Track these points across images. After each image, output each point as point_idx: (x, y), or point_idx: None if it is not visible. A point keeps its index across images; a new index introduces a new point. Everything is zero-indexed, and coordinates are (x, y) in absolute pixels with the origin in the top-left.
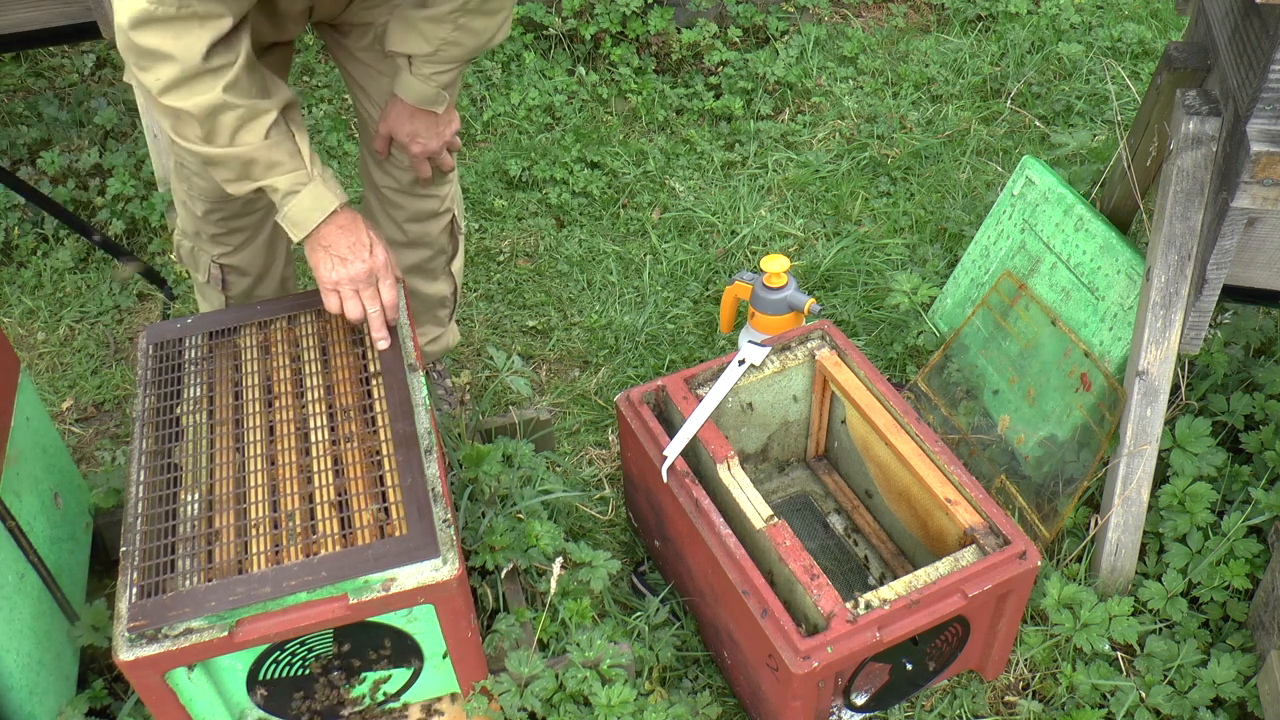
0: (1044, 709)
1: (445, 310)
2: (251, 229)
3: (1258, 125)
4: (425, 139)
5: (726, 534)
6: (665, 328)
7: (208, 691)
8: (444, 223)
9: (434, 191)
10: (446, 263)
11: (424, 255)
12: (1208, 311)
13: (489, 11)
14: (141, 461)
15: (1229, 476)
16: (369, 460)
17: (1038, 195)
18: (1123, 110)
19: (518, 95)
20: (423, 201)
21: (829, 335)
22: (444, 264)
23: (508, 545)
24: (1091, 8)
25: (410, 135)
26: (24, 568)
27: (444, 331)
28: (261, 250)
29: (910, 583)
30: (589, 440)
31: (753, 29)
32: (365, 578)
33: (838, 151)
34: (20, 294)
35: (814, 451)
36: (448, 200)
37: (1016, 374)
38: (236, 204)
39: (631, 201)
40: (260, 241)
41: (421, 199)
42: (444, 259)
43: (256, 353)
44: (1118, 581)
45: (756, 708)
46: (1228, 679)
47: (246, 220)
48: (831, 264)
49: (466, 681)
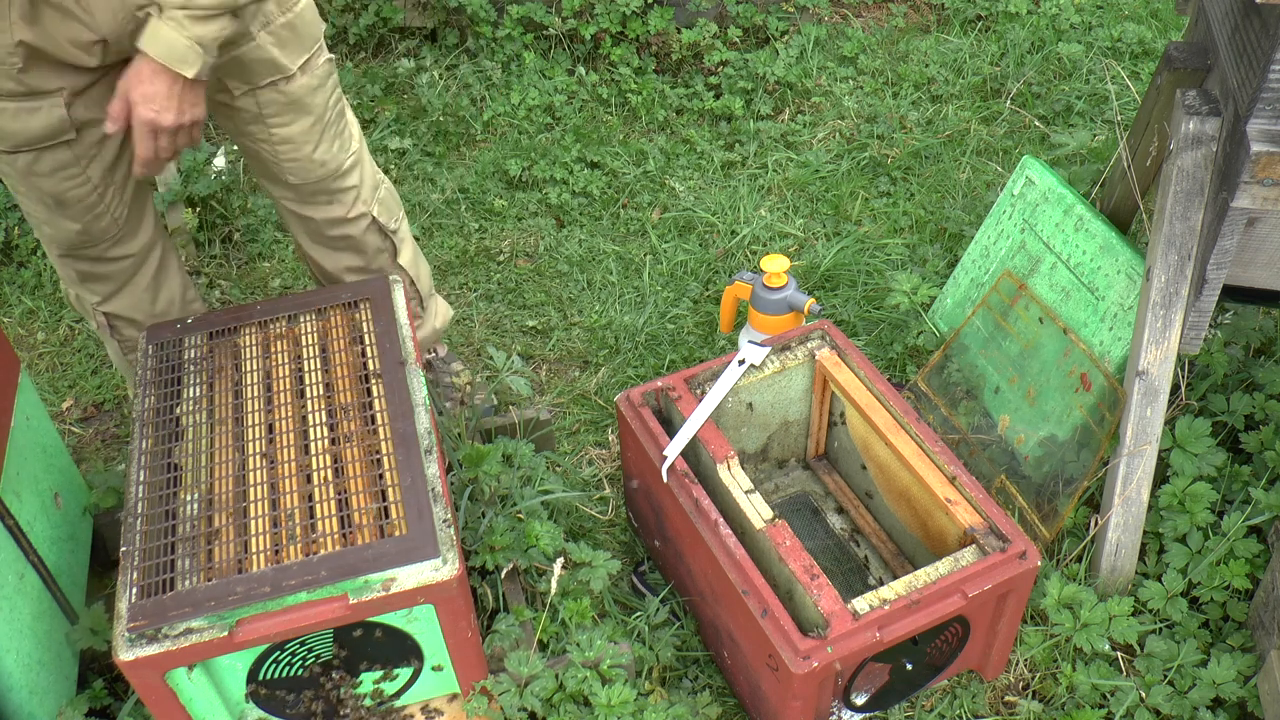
0: (1044, 709)
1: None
2: (127, 272)
3: (1258, 125)
4: (159, 108)
5: (726, 534)
6: (665, 328)
7: (208, 691)
8: (363, 225)
9: (334, 199)
10: (391, 259)
11: (360, 258)
12: (1208, 311)
13: None
14: (141, 461)
15: (1229, 476)
16: (369, 460)
17: (1038, 195)
18: (1123, 110)
19: (518, 95)
20: (326, 209)
21: (829, 335)
22: (389, 261)
23: (508, 545)
24: (1091, 8)
25: (143, 97)
26: (24, 568)
27: (421, 319)
28: (146, 293)
29: (910, 583)
30: (589, 440)
31: (753, 29)
32: (365, 578)
33: (838, 151)
34: (20, 294)
35: (814, 451)
36: (357, 206)
37: (1016, 374)
38: (99, 247)
39: (631, 201)
40: (142, 285)
41: (324, 207)
42: (386, 256)
43: (256, 352)
44: (1118, 581)
45: (756, 708)
46: (1228, 679)
47: (117, 265)
48: (831, 264)
49: (466, 681)
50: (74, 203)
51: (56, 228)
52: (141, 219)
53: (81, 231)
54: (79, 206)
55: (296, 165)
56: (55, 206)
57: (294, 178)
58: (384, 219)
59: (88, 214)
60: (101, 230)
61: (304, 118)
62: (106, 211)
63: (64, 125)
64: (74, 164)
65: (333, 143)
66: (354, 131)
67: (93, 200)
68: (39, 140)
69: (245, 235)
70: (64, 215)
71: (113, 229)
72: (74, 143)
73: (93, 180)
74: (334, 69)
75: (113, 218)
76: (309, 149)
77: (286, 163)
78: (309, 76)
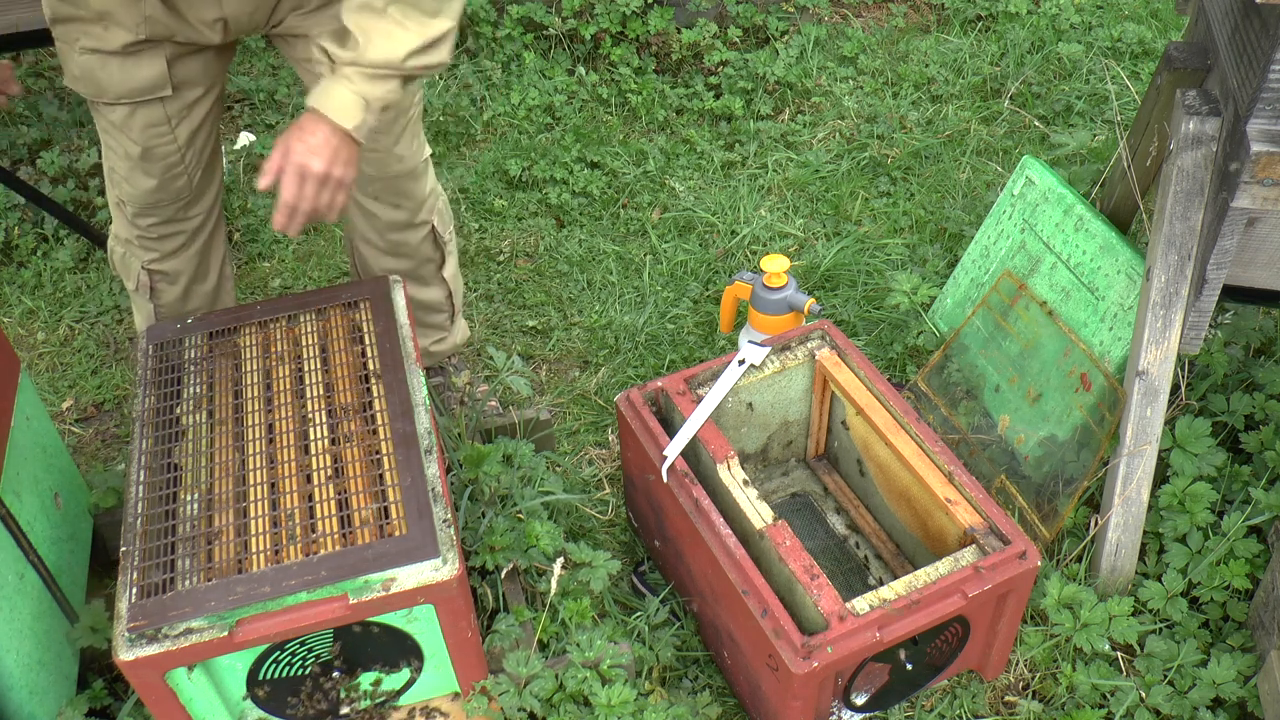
0: (1044, 709)
1: (443, 314)
2: (186, 235)
3: (1258, 125)
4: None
5: (726, 534)
6: (665, 328)
7: (208, 691)
8: (422, 234)
9: (402, 203)
10: (436, 269)
11: (408, 264)
12: (1208, 311)
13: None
14: (141, 461)
15: (1229, 476)
16: (369, 460)
17: (1038, 195)
18: (1123, 110)
19: (518, 95)
20: (393, 212)
21: (829, 335)
22: (433, 271)
23: (508, 545)
24: (1091, 8)
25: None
26: (24, 568)
27: (446, 334)
28: (194, 258)
29: (910, 583)
30: (589, 440)
31: (753, 29)
32: (365, 578)
33: (838, 151)
34: (20, 294)
35: (814, 451)
36: (421, 213)
37: (1016, 374)
38: (169, 209)
39: (631, 201)
40: (194, 249)
41: (391, 209)
42: (432, 266)
43: (256, 352)
44: (1118, 581)
45: (756, 708)
46: (1228, 679)
47: (181, 226)
48: (831, 264)
49: (466, 681)
50: (159, 159)
51: (135, 184)
52: (209, 186)
53: (157, 189)
54: (162, 164)
55: (376, 156)
56: (140, 160)
57: (370, 168)
58: (441, 229)
59: (168, 172)
60: (177, 190)
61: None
62: (185, 172)
63: (163, 80)
64: (164, 122)
65: (412, 140)
66: (425, 137)
67: (174, 159)
68: (139, 94)
69: (245, 235)
70: (145, 172)
71: (186, 190)
72: (169, 100)
73: (179, 141)
74: None
75: (189, 178)
76: (389, 140)
77: (369, 152)
78: None
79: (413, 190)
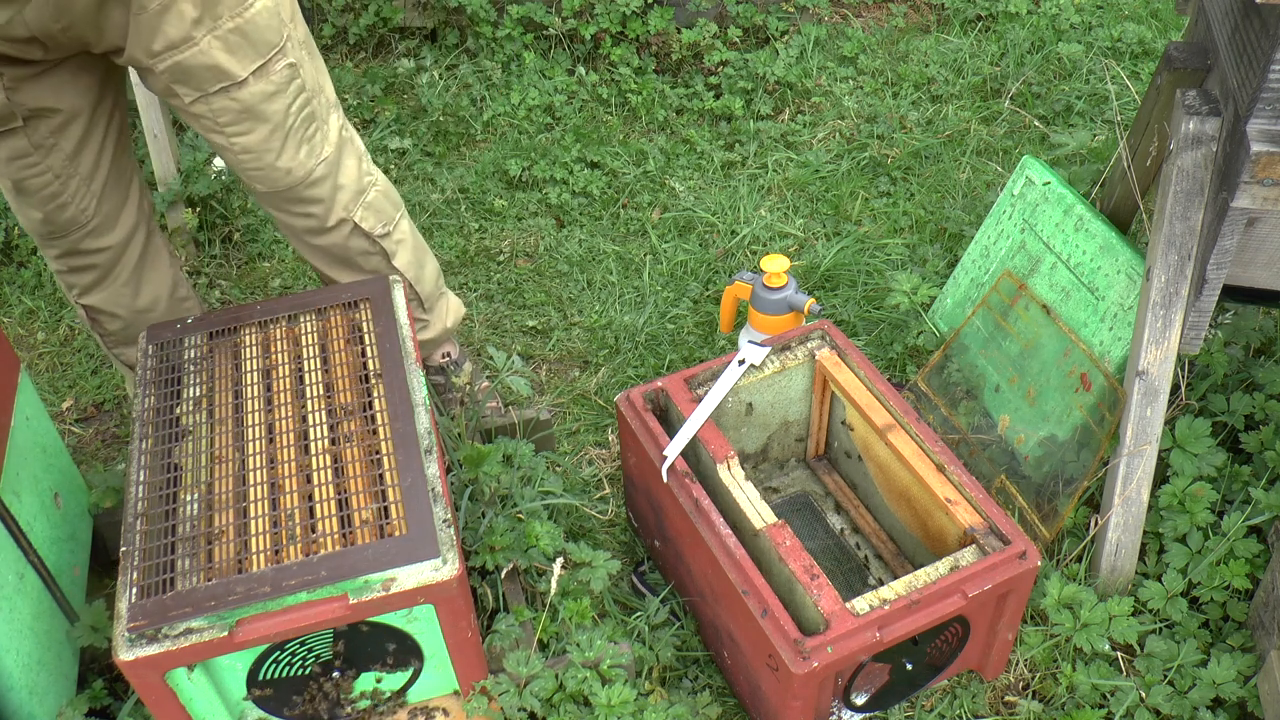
0: (1044, 709)
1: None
2: (101, 267)
3: (1258, 125)
4: None
5: (726, 534)
6: (665, 328)
7: (208, 691)
8: (344, 233)
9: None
10: (385, 262)
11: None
12: (1208, 311)
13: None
14: (141, 461)
15: (1229, 476)
16: (369, 460)
17: (1038, 195)
18: (1123, 110)
19: (518, 95)
20: (302, 220)
21: (829, 335)
22: (382, 264)
23: (508, 545)
24: (1091, 8)
25: None
26: (24, 568)
27: (425, 323)
28: (126, 289)
29: (910, 583)
30: (589, 440)
31: (753, 29)
32: (365, 577)
33: (838, 151)
34: (20, 294)
35: (814, 451)
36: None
37: (1016, 374)
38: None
39: (631, 201)
40: (121, 281)
41: (300, 218)
42: (377, 259)
43: (256, 352)
44: (1118, 581)
45: (756, 708)
46: (1228, 679)
47: (91, 258)
48: (831, 264)
49: (466, 681)
50: (34, 191)
51: (23, 215)
52: (119, 213)
53: (44, 220)
54: (39, 195)
55: (260, 174)
56: (16, 194)
57: (261, 186)
58: (369, 224)
59: (49, 203)
60: (67, 221)
61: (261, 126)
62: (71, 203)
63: (7, 110)
64: (31, 153)
65: (298, 150)
66: (330, 136)
67: (54, 190)
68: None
69: (245, 235)
70: (25, 203)
71: (80, 220)
72: (29, 130)
73: (53, 170)
74: (298, 74)
75: (78, 209)
76: (270, 157)
77: (251, 171)
78: (263, 83)
79: (314, 195)
